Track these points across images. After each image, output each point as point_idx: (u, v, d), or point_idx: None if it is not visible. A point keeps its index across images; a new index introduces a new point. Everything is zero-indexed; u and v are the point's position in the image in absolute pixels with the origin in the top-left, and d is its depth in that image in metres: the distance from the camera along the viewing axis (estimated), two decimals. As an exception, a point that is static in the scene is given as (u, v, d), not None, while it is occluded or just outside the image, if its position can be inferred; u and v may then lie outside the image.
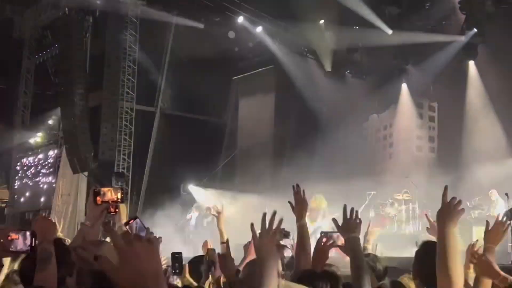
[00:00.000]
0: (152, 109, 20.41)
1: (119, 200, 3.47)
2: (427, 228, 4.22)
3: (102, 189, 3.43)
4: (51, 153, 21.64)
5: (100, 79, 18.87)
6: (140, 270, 1.66)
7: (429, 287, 3.58)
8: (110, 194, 3.44)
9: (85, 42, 18.99)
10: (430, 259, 3.66)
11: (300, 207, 4.20)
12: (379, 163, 19.53)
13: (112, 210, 3.50)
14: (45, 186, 21.65)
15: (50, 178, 21.37)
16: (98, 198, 3.37)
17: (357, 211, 3.64)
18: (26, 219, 21.21)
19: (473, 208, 14.32)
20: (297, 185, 4.19)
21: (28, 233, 3.04)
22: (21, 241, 3.02)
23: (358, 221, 3.63)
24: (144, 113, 19.95)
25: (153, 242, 1.73)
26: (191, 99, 19.95)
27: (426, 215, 4.59)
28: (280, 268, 2.99)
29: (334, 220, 3.76)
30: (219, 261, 4.41)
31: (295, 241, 5.01)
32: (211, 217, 17.03)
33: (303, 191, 4.20)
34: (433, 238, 3.76)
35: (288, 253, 5.24)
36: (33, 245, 3.00)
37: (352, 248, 3.53)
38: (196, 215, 16.75)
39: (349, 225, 3.56)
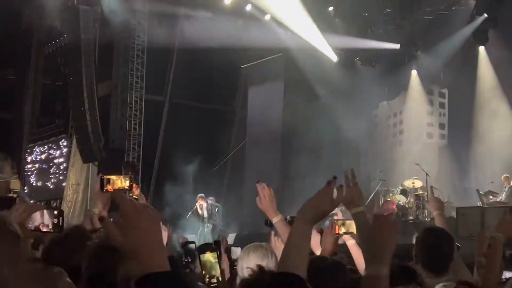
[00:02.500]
0: (162, 98, 20.42)
1: (127, 187, 3.46)
2: (426, 201, 4.26)
3: (110, 176, 3.42)
4: (61, 143, 21.70)
5: (109, 69, 18.87)
6: (144, 237, 1.67)
7: (430, 270, 3.65)
8: (120, 182, 3.43)
9: (94, 32, 18.97)
10: (429, 244, 3.75)
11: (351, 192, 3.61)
12: (389, 150, 19.49)
13: None
14: (55, 176, 21.73)
15: (61, 168, 21.45)
16: (105, 185, 3.36)
17: (353, 173, 3.30)
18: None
19: (484, 194, 14.28)
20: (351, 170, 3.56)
21: (50, 211, 3.04)
22: (41, 219, 3.02)
23: (359, 188, 3.34)
24: (154, 103, 19.95)
25: (156, 214, 1.74)
26: (200, 88, 19.94)
27: (431, 187, 4.57)
28: None
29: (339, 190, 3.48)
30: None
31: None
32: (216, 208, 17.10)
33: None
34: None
35: None
36: (60, 224, 3.01)
37: (360, 226, 3.30)
38: (204, 205, 16.76)
39: (352, 196, 3.27)
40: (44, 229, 3.02)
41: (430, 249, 3.79)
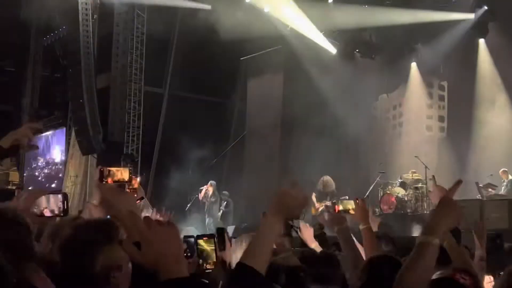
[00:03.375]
0: (161, 90, 20.37)
1: (126, 180, 3.46)
2: (429, 191, 4.27)
3: (109, 168, 3.41)
4: (60, 135, 21.69)
5: (108, 60, 18.82)
6: (161, 251, 1.79)
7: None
8: (120, 174, 3.42)
9: (93, 24, 18.91)
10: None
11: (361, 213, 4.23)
12: (388, 143, 19.47)
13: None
14: (54, 168, 21.74)
15: (60, 159, 21.46)
16: (105, 177, 3.35)
17: (363, 201, 3.95)
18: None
19: (483, 187, 14.28)
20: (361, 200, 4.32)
21: (55, 196, 3.02)
22: (46, 204, 3.00)
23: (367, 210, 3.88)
24: (153, 95, 19.92)
25: (173, 225, 1.88)
26: (200, 80, 19.90)
27: (433, 176, 4.53)
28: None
29: (322, 216, 4.05)
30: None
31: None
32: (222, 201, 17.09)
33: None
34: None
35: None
36: (65, 207, 3.01)
37: (344, 239, 3.81)
38: (209, 193, 16.77)
39: (335, 220, 3.90)
40: (48, 214, 3.01)
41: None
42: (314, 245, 4.90)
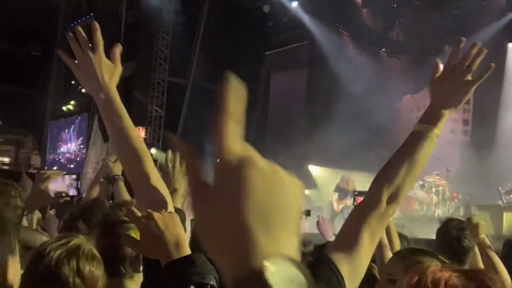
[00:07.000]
0: (184, 81, 20.40)
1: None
2: (470, 222, 4.15)
3: None
4: (83, 121, 21.84)
5: (133, 49, 18.88)
6: (161, 240, 1.79)
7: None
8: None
9: (120, 12, 18.99)
10: (449, 236, 3.73)
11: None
12: (411, 145, 19.33)
13: None
14: (76, 154, 21.89)
15: (82, 145, 21.59)
16: None
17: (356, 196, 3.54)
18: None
19: (505, 193, 14.09)
20: None
21: (66, 176, 3.06)
22: (62, 184, 3.06)
23: None
24: (176, 85, 19.94)
25: (173, 214, 1.89)
26: (223, 72, 19.86)
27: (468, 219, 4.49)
28: None
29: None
30: None
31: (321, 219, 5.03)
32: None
33: None
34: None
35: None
36: (79, 187, 3.10)
37: None
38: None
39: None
40: (73, 193, 3.09)
41: (449, 241, 3.75)
42: (332, 238, 4.85)
